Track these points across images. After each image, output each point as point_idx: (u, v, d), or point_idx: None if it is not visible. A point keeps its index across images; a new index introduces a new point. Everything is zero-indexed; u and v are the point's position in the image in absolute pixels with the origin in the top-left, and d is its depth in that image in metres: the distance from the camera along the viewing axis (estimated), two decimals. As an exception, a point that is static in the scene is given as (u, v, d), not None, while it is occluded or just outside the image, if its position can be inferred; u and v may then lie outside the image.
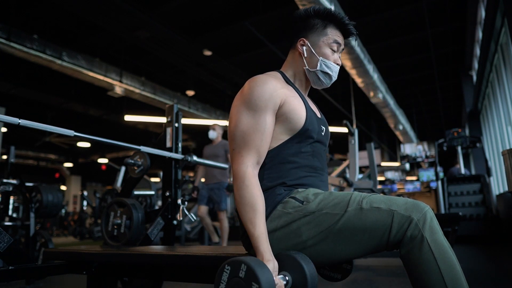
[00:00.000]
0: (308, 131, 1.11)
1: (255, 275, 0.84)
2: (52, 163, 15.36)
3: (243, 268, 0.86)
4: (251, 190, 1.00)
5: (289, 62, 1.25)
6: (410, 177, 15.10)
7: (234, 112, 1.11)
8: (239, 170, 1.03)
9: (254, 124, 1.06)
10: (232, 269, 0.89)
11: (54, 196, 2.94)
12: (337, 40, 1.18)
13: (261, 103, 1.07)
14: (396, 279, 2.79)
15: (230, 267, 0.89)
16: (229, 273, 0.89)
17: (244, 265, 0.86)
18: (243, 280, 0.85)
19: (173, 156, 1.97)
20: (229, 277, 0.89)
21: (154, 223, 1.85)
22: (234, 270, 0.88)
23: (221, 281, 0.90)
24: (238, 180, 1.02)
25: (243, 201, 1.00)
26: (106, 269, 1.41)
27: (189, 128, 10.57)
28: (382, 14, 6.16)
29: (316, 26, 1.19)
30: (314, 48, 1.18)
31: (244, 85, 1.13)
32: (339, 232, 0.95)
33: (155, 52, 7.10)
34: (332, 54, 1.19)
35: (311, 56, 1.19)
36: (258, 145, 1.05)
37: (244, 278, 0.85)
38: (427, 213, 0.90)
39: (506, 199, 5.26)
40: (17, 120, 1.32)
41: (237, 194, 1.02)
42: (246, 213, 0.99)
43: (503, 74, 5.42)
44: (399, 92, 9.46)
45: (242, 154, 1.05)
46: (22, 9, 5.77)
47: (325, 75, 1.20)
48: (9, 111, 7.91)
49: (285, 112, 1.09)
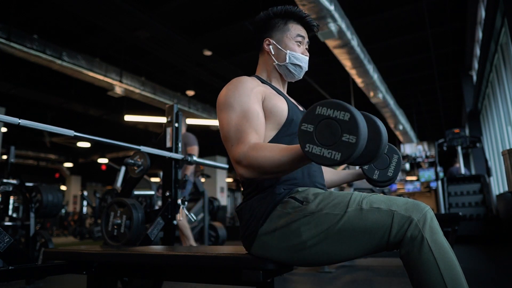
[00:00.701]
0: (293, 122, 1.14)
1: (356, 120, 0.77)
2: (52, 163, 15.36)
3: (346, 116, 0.78)
4: (262, 146, 0.98)
5: (260, 65, 1.31)
6: (410, 177, 15.09)
7: (222, 116, 1.11)
8: (242, 151, 1.00)
9: (244, 113, 1.07)
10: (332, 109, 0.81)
11: (54, 196, 2.94)
12: (299, 34, 1.25)
13: (245, 97, 1.10)
14: (396, 279, 2.79)
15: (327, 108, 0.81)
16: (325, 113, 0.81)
17: (348, 113, 0.79)
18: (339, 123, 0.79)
19: (173, 156, 1.97)
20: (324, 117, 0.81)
21: (154, 223, 1.85)
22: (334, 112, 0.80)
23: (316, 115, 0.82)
24: (242, 158, 0.99)
25: (261, 159, 0.95)
26: (106, 269, 1.41)
27: (189, 128, 10.57)
28: (382, 14, 6.15)
29: (278, 24, 1.26)
30: (280, 44, 1.25)
31: (221, 92, 1.15)
32: (339, 232, 0.95)
33: (155, 52, 7.09)
34: (298, 46, 1.25)
35: (278, 52, 1.25)
36: (255, 126, 1.06)
37: (343, 122, 0.78)
38: (427, 213, 0.90)
39: (506, 199, 5.26)
40: (17, 120, 1.32)
41: (252, 165, 0.97)
42: (270, 158, 0.94)
43: (503, 74, 5.42)
44: (399, 92, 9.45)
45: (240, 141, 1.03)
46: (22, 9, 5.77)
47: (296, 66, 1.26)
48: (9, 111, 7.91)
49: (267, 107, 1.13)
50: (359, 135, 0.76)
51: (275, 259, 1.03)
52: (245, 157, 0.99)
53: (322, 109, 0.81)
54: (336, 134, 0.78)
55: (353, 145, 0.76)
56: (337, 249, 0.96)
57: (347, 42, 5.43)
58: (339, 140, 0.78)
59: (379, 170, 1.26)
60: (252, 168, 0.98)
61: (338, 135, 0.78)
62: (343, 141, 0.77)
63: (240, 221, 1.12)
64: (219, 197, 11.30)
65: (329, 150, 0.79)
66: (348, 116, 0.78)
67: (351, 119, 0.77)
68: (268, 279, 1.04)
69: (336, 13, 4.74)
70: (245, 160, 0.99)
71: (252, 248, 1.06)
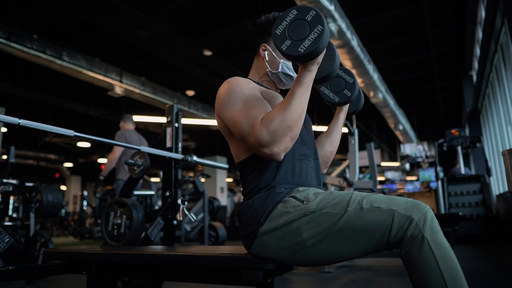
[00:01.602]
0: None
1: (322, 19, 0.93)
2: (52, 163, 15.36)
3: (312, 13, 0.95)
4: (269, 119, 0.99)
5: (253, 68, 1.31)
6: (410, 177, 15.10)
7: (227, 114, 1.11)
8: (257, 134, 0.99)
9: (248, 102, 1.08)
10: (299, 12, 0.97)
11: (54, 196, 2.94)
12: None
13: (246, 90, 1.12)
14: (396, 279, 2.79)
15: (297, 11, 0.97)
16: (295, 15, 0.97)
17: (313, 11, 0.95)
18: (308, 23, 0.95)
19: (173, 156, 1.97)
20: (294, 18, 0.97)
21: (154, 223, 1.85)
22: (301, 14, 0.96)
23: (283, 20, 0.97)
24: (263, 137, 0.98)
25: (277, 125, 0.97)
26: (106, 269, 1.41)
27: (189, 128, 10.58)
28: (382, 14, 6.16)
29: None
30: (275, 52, 1.24)
31: (218, 91, 1.15)
32: (339, 231, 0.95)
33: (155, 52, 7.10)
34: None
35: (272, 59, 1.24)
36: (262, 109, 1.06)
37: (310, 21, 0.95)
38: (427, 213, 0.90)
39: (506, 199, 5.26)
40: (17, 120, 1.32)
41: (271, 140, 0.97)
42: (282, 115, 0.98)
43: (503, 74, 5.42)
44: (399, 92, 9.45)
45: (253, 127, 1.01)
46: (22, 9, 5.77)
47: (287, 76, 1.25)
48: (9, 111, 7.90)
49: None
50: (324, 28, 0.92)
51: (275, 258, 1.03)
52: (266, 134, 0.97)
53: (293, 11, 0.97)
54: (305, 31, 0.94)
55: (319, 35, 0.92)
56: (337, 249, 0.96)
57: (347, 42, 5.43)
58: (309, 35, 0.93)
59: (336, 93, 1.34)
60: (278, 137, 0.98)
61: (307, 31, 0.94)
62: (313, 33, 0.93)
63: (240, 221, 1.11)
64: (219, 197, 11.30)
65: (300, 43, 0.94)
66: (314, 13, 0.95)
67: (316, 16, 0.94)
68: (268, 279, 1.04)
69: (336, 13, 4.74)
70: (267, 136, 0.97)
71: (252, 248, 1.06)
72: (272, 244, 1.02)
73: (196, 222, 5.49)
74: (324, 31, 0.93)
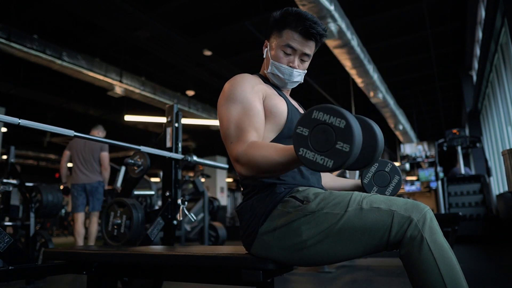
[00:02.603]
0: (293, 124, 1.13)
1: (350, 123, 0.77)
2: (52, 163, 15.35)
3: (341, 122, 0.78)
4: (259, 145, 0.98)
5: (263, 65, 1.29)
6: (410, 177, 15.09)
7: (223, 112, 1.11)
8: (240, 150, 1.01)
9: (245, 111, 1.07)
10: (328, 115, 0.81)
11: (54, 196, 2.94)
12: (289, 44, 1.16)
13: (247, 94, 1.10)
14: (396, 279, 2.79)
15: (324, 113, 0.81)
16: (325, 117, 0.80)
17: (342, 119, 0.78)
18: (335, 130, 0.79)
19: (173, 156, 1.97)
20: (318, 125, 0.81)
21: (154, 223, 1.85)
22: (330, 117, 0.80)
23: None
24: (241, 157, 0.99)
25: (257, 158, 0.96)
26: (106, 269, 1.41)
27: (189, 128, 10.58)
28: (382, 14, 6.15)
29: (277, 28, 1.19)
30: (270, 51, 1.21)
31: (224, 87, 1.15)
32: (339, 232, 0.95)
33: (155, 52, 7.09)
34: (286, 56, 1.18)
35: (267, 58, 1.22)
36: (255, 124, 1.05)
37: (338, 128, 0.78)
38: (427, 213, 0.90)
39: (506, 199, 5.26)
40: (17, 120, 1.32)
41: (248, 163, 0.98)
42: (262, 158, 0.95)
43: (503, 74, 5.42)
44: (399, 92, 9.45)
45: (239, 139, 1.03)
46: (22, 9, 5.77)
47: (277, 77, 1.21)
48: (9, 111, 7.92)
49: (268, 106, 1.12)
50: (353, 144, 0.76)
51: (275, 259, 1.03)
52: (244, 155, 0.99)
53: (318, 113, 0.81)
54: (330, 141, 0.78)
55: (346, 154, 0.76)
56: (337, 249, 0.96)
57: (347, 42, 5.43)
58: (333, 147, 0.78)
59: (378, 187, 1.27)
60: (249, 167, 0.99)
61: (332, 142, 0.78)
62: (336, 149, 0.77)
63: (240, 221, 1.11)
64: (219, 197, 11.30)
65: (322, 157, 0.79)
66: (343, 123, 0.77)
67: (346, 126, 0.77)
68: (268, 279, 1.04)
69: (336, 13, 4.74)
70: (243, 158, 0.99)
71: (252, 248, 1.06)
72: (272, 244, 1.02)
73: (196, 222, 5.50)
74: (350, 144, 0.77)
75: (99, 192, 4.15)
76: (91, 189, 4.09)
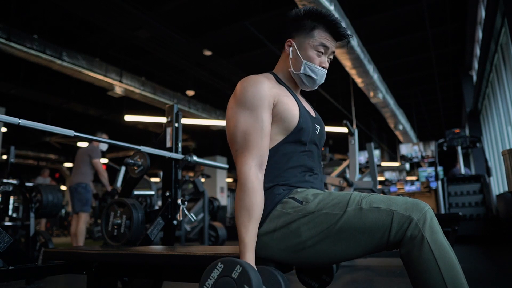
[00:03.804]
0: (302, 130, 1.11)
1: (249, 278, 0.84)
2: (52, 163, 15.35)
3: (238, 269, 0.86)
4: (251, 194, 0.99)
5: (280, 63, 1.25)
6: (410, 177, 15.09)
7: (231, 114, 1.10)
8: (242, 171, 1.02)
9: (253, 123, 1.06)
10: (226, 268, 0.88)
11: (54, 196, 2.94)
12: (323, 43, 1.16)
13: (257, 101, 1.07)
14: (396, 279, 2.79)
15: (224, 265, 0.89)
16: (221, 271, 0.89)
17: (240, 266, 0.86)
18: (235, 281, 0.86)
19: (173, 156, 1.97)
20: (220, 275, 0.89)
21: (154, 223, 1.85)
22: (227, 269, 0.88)
23: (210, 277, 0.90)
24: (241, 181, 1.02)
25: (241, 204, 0.99)
26: (106, 269, 1.41)
27: (189, 128, 10.58)
28: (382, 14, 6.15)
29: (304, 27, 1.17)
30: (300, 50, 1.17)
31: (236, 87, 1.13)
32: (339, 232, 0.95)
33: (155, 52, 7.09)
34: (319, 56, 1.17)
35: (296, 58, 1.18)
36: (259, 145, 1.05)
37: (237, 279, 0.85)
38: (427, 212, 0.90)
39: (506, 199, 5.26)
40: (17, 120, 1.32)
41: (237, 195, 1.01)
42: (242, 216, 0.99)
43: (503, 74, 5.42)
44: (399, 92, 9.45)
45: (245, 154, 1.04)
46: (22, 9, 5.77)
47: (309, 78, 1.19)
48: (9, 111, 7.90)
49: (279, 111, 1.10)
50: None
51: (275, 259, 1.03)
52: (239, 183, 1.02)
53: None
54: None
55: None
56: (337, 249, 0.96)
57: (344, 44, 5.42)
58: None
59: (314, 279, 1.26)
60: (239, 188, 1.02)
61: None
62: None
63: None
64: (219, 197, 11.30)
65: None
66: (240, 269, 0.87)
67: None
68: (268, 279, 1.04)
69: (336, 13, 4.74)
70: (238, 185, 1.03)
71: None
72: (272, 245, 1.02)
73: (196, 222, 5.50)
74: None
75: (79, 193, 4.28)
76: (72, 190, 4.32)
